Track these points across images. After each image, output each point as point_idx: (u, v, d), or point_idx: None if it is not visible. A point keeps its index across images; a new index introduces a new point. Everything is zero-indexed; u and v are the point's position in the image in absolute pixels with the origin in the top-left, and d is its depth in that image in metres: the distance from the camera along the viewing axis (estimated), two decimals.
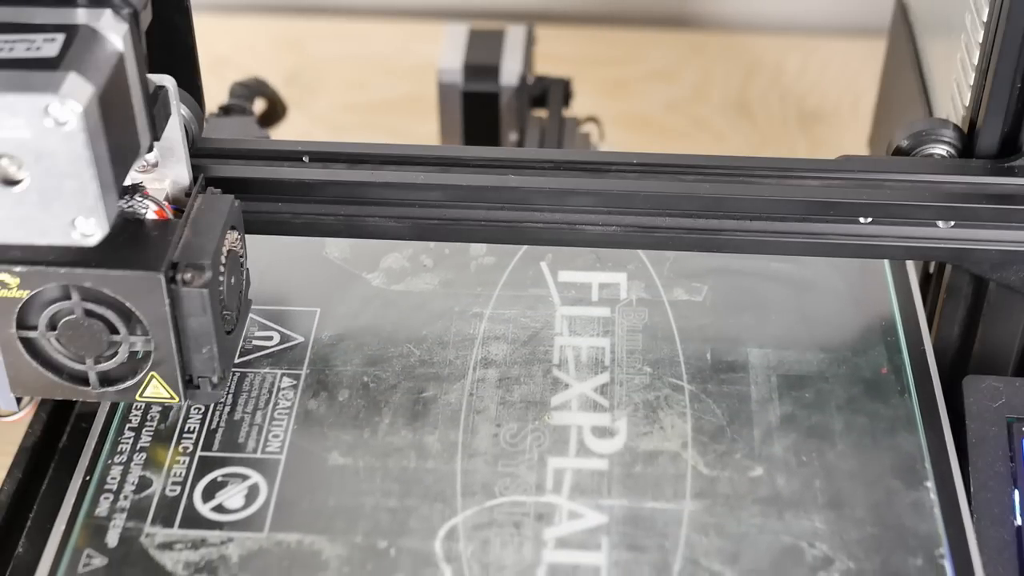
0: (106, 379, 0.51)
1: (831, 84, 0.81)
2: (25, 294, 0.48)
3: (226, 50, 0.93)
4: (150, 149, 0.50)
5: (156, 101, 0.49)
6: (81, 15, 0.45)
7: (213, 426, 0.55)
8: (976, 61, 0.56)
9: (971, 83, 0.56)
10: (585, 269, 0.62)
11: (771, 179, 0.55)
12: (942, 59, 0.65)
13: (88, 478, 0.55)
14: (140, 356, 0.50)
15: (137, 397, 0.51)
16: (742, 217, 0.54)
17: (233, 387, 0.57)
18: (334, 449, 0.54)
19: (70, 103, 0.42)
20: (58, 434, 0.63)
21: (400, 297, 0.61)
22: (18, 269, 0.48)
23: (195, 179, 0.53)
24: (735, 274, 0.61)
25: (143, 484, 0.54)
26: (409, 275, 0.62)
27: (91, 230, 0.45)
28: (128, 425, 0.56)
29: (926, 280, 0.63)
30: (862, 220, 0.54)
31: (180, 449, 0.55)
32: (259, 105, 0.79)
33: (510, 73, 0.83)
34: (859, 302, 0.60)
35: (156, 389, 0.51)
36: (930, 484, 0.53)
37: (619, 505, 0.52)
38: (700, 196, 0.54)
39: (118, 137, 0.45)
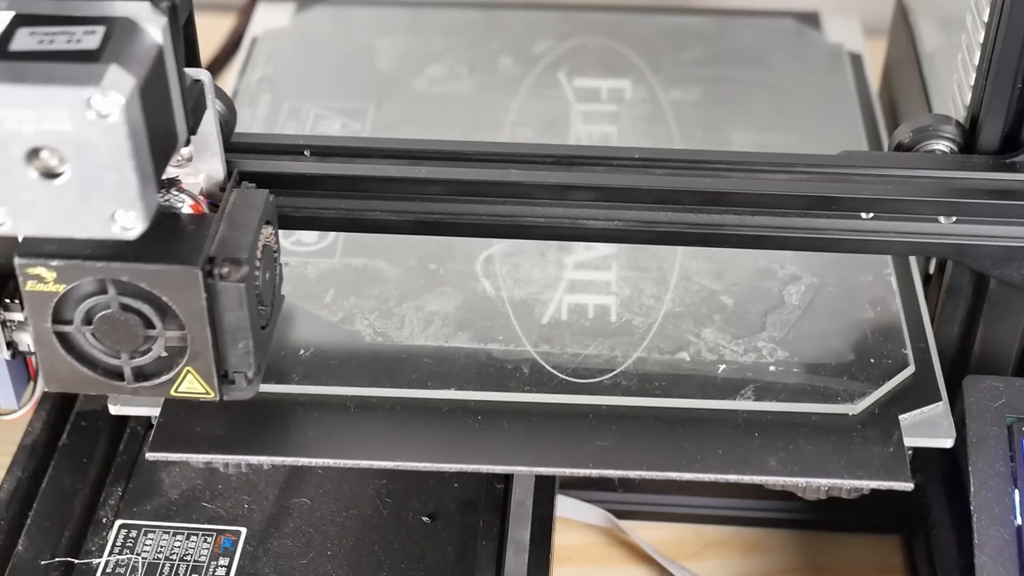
0: (141, 374, 0.50)
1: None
2: (61, 288, 0.48)
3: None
4: (187, 143, 0.49)
5: (193, 95, 0.49)
6: (120, 7, 0.45)
7: None
8: (976, 61, 0.56)
9: (972, 83, 0.56)
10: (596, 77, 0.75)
11: (773, 174, 0.55)
12: (942, 59, 0.65)
13: None
14: (175, 351, 0.50)
15: (172, 392, 0.51)
16: (744, 212, 0.54)
17: None
18: None
19: (112, 95, 0.42)
20: (58, 433, 0.63)
21: (441, 96, 0.74)
22: (55, 263, 0.47)
23: (228, 174, 0.53)
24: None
25: None
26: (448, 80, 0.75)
27: (131, 223, 0.45)
28: None
29: (926, 281, 0.63)
30: (864, 216, 0.54)
31: None
32: None
33: None
34: None
35: (191, 384, 0.50)
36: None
37: None
38: (701, 191, 0.54)
39: (158, 130, 0.45)
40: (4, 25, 0.45)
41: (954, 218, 0.54)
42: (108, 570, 0.57)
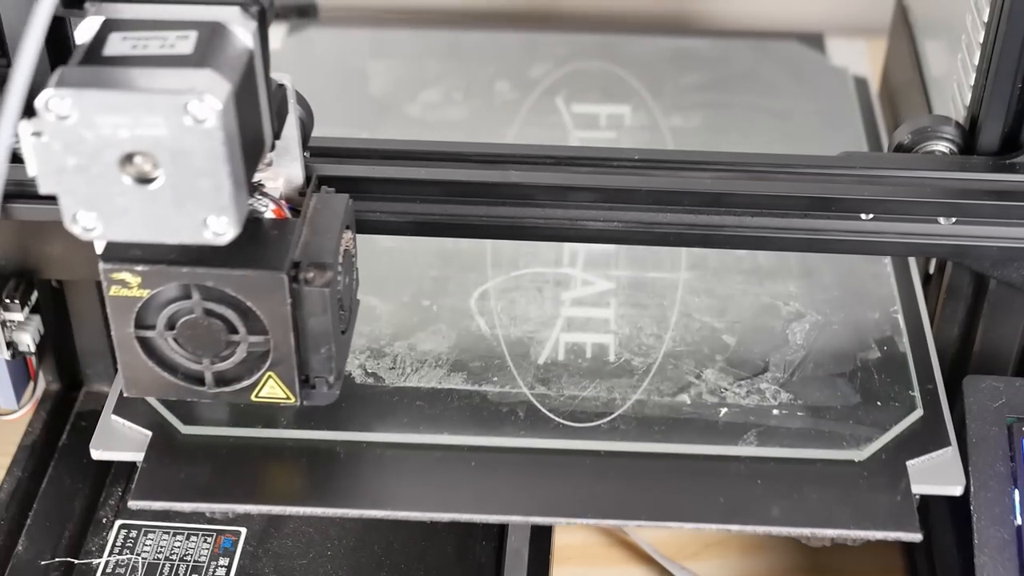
0: (222, 379, 0.50)
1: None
2: (146, 293, 0.47)
3: None
4: (272, 147, 0.49)
5: (277, 99, 0.49)
6: (210, 12, 0.45)
7: None
8: (976, 61, 0.56)
9: (971, 83, 0.56)
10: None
11: (773, 175, 0.55)
12: (942, 59, 0.65)
13: None
14: (257, 356, 0.49)
15: (252, 397, 0.50)
16: (743, 213, 0.54)
17: None
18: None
19: (209, 100, 0.42)
20: (58, 433, 0.63)
21: (436, 123, 0.72)
22: (140, 268, 0.47)
23: (307, 178, 0.52)
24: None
25: None
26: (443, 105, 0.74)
27: (223, 229, 0.44)
28: None
29: (926, 281, 0.63)
30: (863, 216, 0.54)
31: None
32: None
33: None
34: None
35: (272, 389, 0.50)
36: (887, 260, 0.63)
37: (625, 275, 0.63)
38: (701, 192, 0.54)
39: (249, 135, 0.45)
40: (95, 30, 0.45)
41: (954, 219, 0.54)
42: (108, 570, 0.57)
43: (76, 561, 0.57)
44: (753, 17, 1.00)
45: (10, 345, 0.60)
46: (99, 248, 0.49)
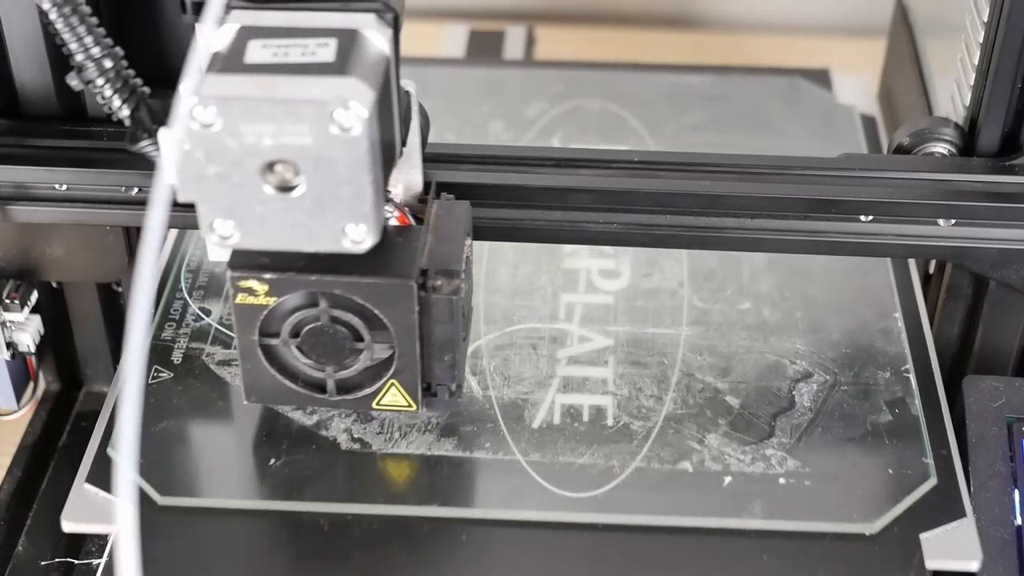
0: (343, 387, 0.50)
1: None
2: (272, 301, 0.47)
3: None
4: (400, 154, 0.49)
5: (403, 106, 0.48)
6: (347, 19, 0.45)
7: None
8: (976, 61, 0.56)
9: (971, 83, 0.56)
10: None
11: (772, 177, 0.55)
12: (942, 59, 0.65)
13: (154, 310, 0.60)
14: (380, 363, 0.49)
15: (374, 405, 0.50)
16: (743, 215, 0.54)
17: None
18: None
19: (355, 108, 0.41)
20: (58, 433, 0.63)
21: None
22: (268, 276, 0.46)
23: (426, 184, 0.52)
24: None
25: (203, 314, 0.60)
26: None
27: (361, 237, 0.44)
28: (187, 267, 0.63)
29: (926, 281, 0.63)
30: (863, 218, 0.54)
31: None
32: None
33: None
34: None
35: (394, 397, 0.50)
36: (897, 315, 0.60)
37: (624, 331, 0.60)
38: (700, 194, 0.54)
39: (386, 143, 0.45)
40: (231, 37, 0.44)
41: (953, 221, 0.54)
42: (108, 570, 0.57)
43: (76, 561, 0.57)
44: (753, 16, 1.00)
45: (10, 345, 0.60)
46: (212, 254, 0.50)
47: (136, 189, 0.54)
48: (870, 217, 0.54)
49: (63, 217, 0.55)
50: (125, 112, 0.49)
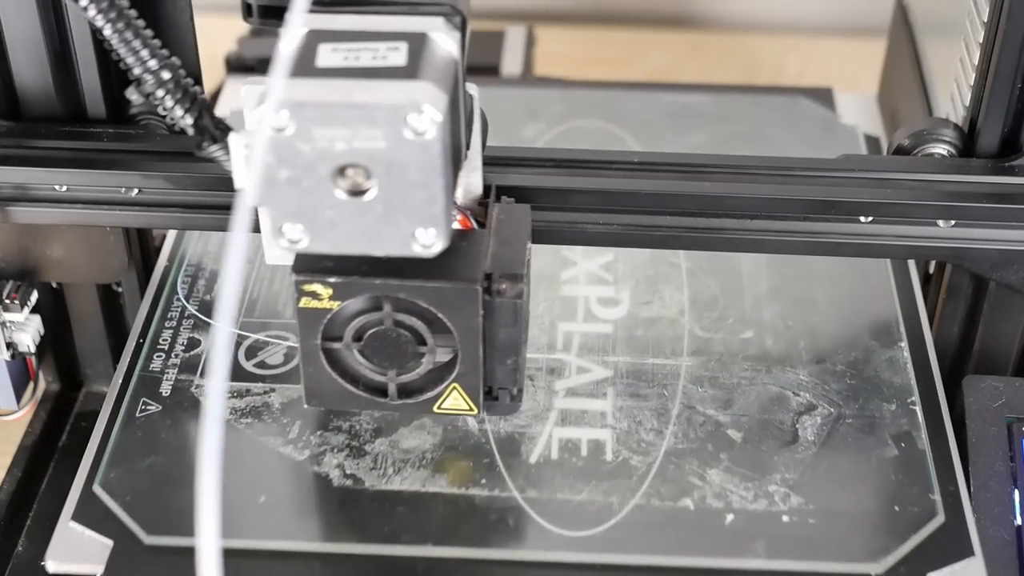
0: (404, 390, 0.49)
1: (831, 84, 0.81)
2: (336, 305, 0.47)
3: (226, 50, 0.93)
4: (465, 158, 0.49)
5: (467, 109, 0.48)
6: (416, 23, 0.44)
7: (255, 295, 0.61)
8: (976, 61, 0.56)
9: (971, 83, 0.56)
10: None
11: (772, 178, 0.55)
12: (942, 59, 0.65)
13: (142, 340, 0.59)
14: (442, 367, 0.48)
15: (435, 409, 0.50)
16: (743, 216, 0.54)
17: None
18: None
19: (430, 112, 0.41)
20: (58, 433, 0.63)
21: None
22: (333, 280, 0.46)
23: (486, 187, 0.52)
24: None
25: (192, 344, 0.59)
26: None
27: (431, 241, 0.44)
28: (176, 296, 0.62)
29: (926, 281, 0.63)
30: (862, 219, 0.54)
31: None
32: None
33: (510, 73, 0.83)
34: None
35: (456, 401, 0.49)
36: (903, 344, 0.59)
37: (623, 361, 0.59)
38: (701, 195, 0.54)
39: (455, 147, 0.44)
40: (299, 40, 0.44)
41: (953, 222, 0.54)
42: None
43: None
44: (753, 16, 1.00)
45: (10, 346, 0.60)
46: (269, 257, 0.49)
47: (136, 190, 0.54)
48: (870, 218, 0.54)
49: (63, 218, 0.55)
50: (188, 121, 0.48)
